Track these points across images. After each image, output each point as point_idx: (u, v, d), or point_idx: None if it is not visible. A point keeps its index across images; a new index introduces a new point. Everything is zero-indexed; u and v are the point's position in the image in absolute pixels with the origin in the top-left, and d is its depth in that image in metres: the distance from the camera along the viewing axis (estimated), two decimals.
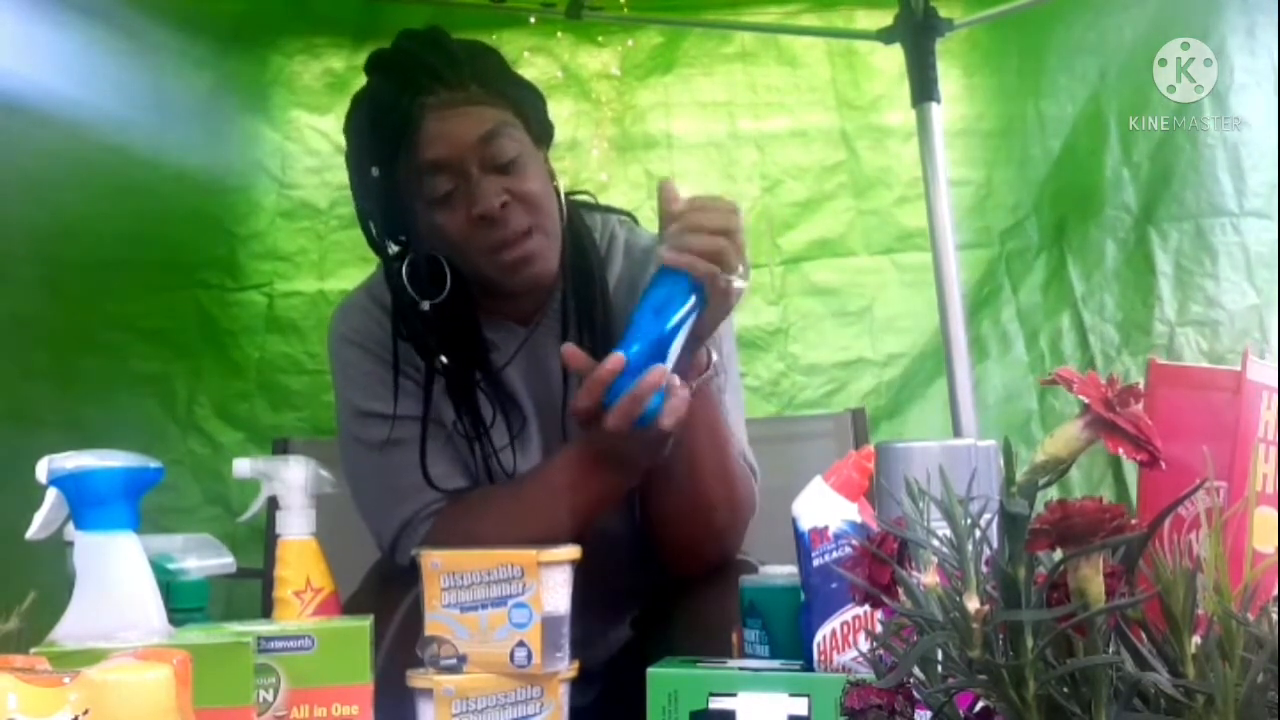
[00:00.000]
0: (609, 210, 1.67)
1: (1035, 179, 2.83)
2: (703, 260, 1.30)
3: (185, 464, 2.64)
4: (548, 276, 1.51)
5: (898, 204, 2.83)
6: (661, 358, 1.31)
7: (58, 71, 2.41)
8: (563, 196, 1.53)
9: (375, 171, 1.46)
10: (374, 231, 1.52)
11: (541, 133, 1.54)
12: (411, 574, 1.21)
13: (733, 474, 1.49)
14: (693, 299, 1.32)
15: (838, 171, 2.85)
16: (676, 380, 1.33)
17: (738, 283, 1.33)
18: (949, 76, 2.60)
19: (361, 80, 1.54)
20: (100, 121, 2.46)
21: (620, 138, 2.80)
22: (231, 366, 2.74)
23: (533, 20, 2.72)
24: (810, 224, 2.86)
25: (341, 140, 1.55)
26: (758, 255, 2.80)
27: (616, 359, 1.30)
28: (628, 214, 1.69)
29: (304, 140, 2.80)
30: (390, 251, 1.52)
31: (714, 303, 1.33)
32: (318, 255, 2.78)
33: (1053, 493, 0.73)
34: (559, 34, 2.80)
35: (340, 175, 1.62)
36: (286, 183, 2.79)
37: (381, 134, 1.45)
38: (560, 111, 1.79)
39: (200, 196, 2.72)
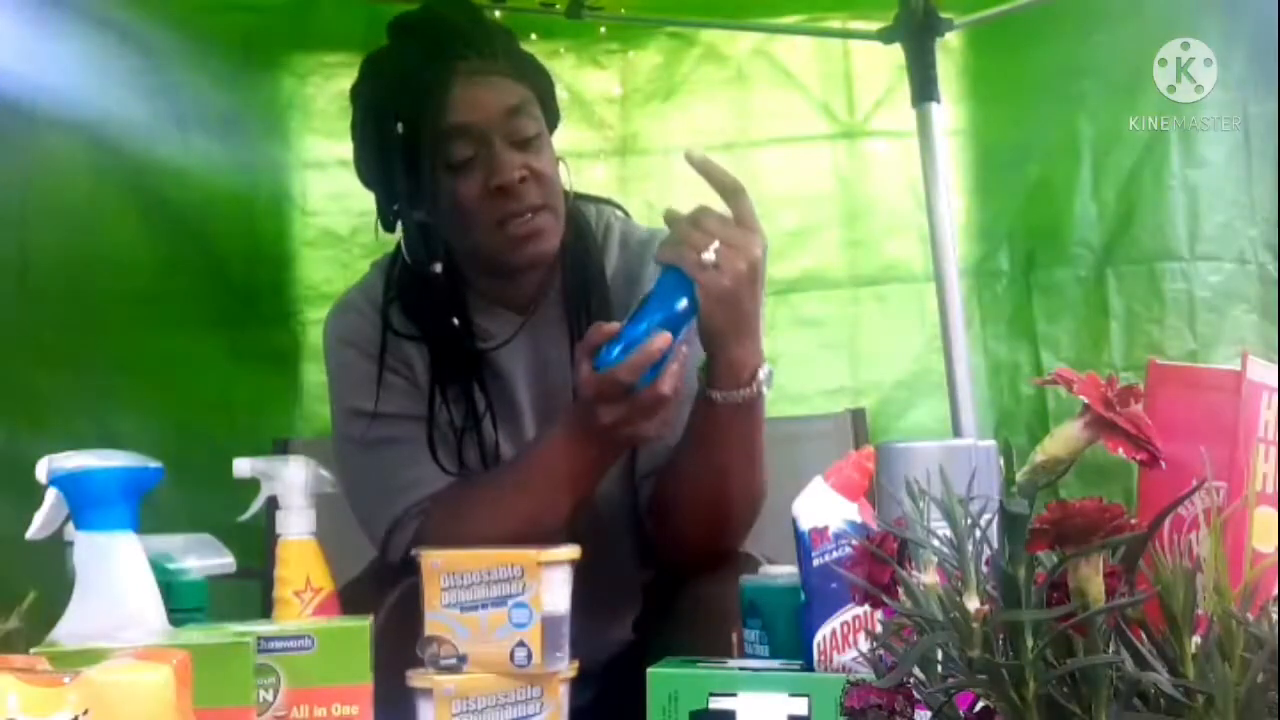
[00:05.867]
0: (602, 201, 1.68)
1: (1011, 208, 2.79)
2: (690, 249, 1.30)
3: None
4: (549, 255, 1.53)
5: (887, 232, 2.79)
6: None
7: (75, 81, 2.38)
8: (569, 179, 1.55)
9: (400, 128, 1.46)
10: (384, 199, 1.53)
11: (552, 116, 1.56)
12: (405, 570, 1.21)
13: (761, 457, 1.49)
14: (686, 298, 1.33)
15: (831, 198, 2.81)
16: (684, 349, 1.34)
17: (709, 256, 1.32)
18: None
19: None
20: (126, 141, 2.45)
21: (619, 161, 2.79)
22: (277, 398, 2.72)
23: (534, 37, 2.70)
24: (801, 252, 2.82)
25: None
26: None
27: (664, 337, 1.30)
28: (620, 206, 1.69)
29: (321, 166, 2.76)
30: (398, 218, 1.53)
31: (709, 283, 1.32)
32: (342, 284, 2.75)
33: None
34: (561, 50, 2.78)
35: (361, 202, 1.62)
36: (308, 210, 2.76)
37: (409, 94, 1.46)
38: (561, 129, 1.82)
39: (227, 222, 2.69)
